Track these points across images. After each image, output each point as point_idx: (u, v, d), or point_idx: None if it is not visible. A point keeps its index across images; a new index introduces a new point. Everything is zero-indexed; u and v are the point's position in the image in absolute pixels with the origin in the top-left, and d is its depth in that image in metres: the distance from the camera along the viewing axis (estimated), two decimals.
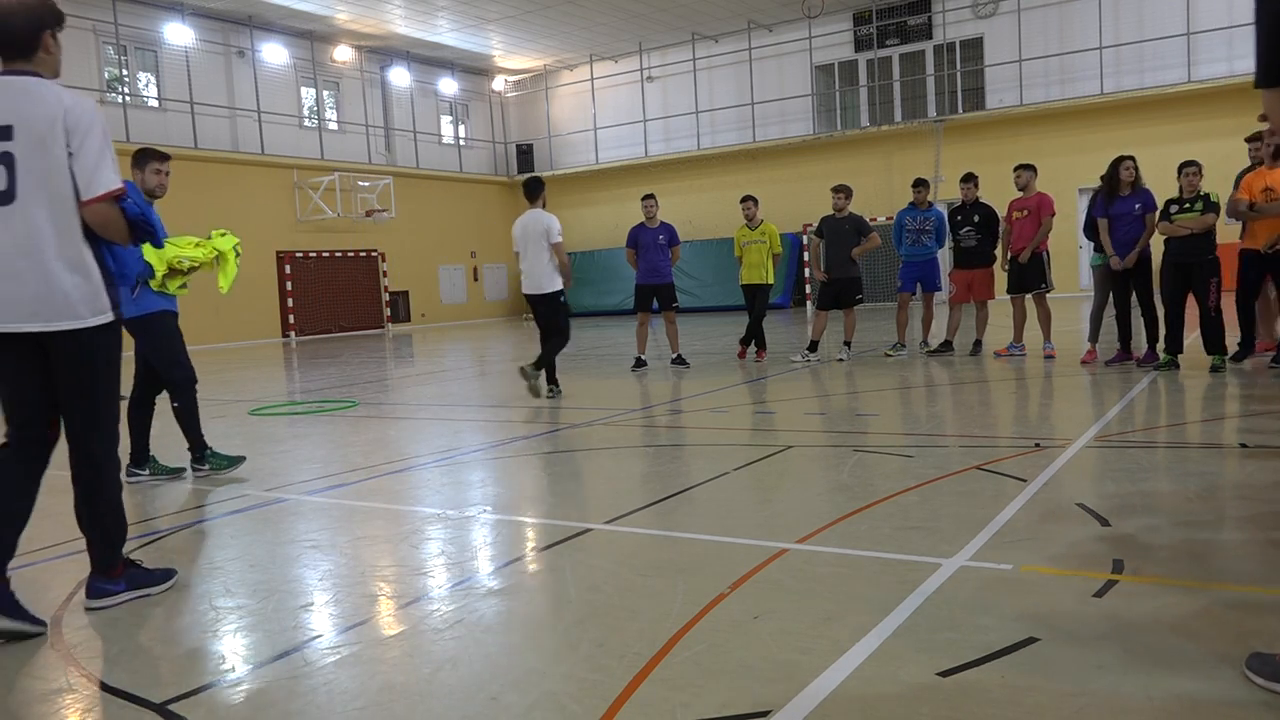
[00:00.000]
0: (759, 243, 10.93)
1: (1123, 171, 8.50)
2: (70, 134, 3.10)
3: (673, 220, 12.25)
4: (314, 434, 7.46)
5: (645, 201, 10.77)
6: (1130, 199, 8.44)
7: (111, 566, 3.41)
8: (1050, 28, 22.23)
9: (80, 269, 3.16)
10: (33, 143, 3.08)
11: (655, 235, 10.64)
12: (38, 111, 3.09)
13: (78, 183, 3.12)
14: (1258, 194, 7.83)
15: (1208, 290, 7.90)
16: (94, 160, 3.12)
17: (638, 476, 5.39)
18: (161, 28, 21.15)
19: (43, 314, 3.12)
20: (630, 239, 10.81)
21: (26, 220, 3.09)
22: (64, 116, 3.09)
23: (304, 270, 23.47)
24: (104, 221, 3.17)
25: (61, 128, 3.09)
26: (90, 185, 3.12)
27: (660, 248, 10.62)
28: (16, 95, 3.11)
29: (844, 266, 10.55)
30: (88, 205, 3.13)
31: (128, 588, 3.44)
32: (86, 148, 3.11)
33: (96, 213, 3.15)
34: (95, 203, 3.13)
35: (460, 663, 2.73)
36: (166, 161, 5.41)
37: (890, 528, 3.88)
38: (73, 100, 3.14)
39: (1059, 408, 7.15)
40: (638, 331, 10.93)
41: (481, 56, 27.67)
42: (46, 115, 3.08)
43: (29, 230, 3.09)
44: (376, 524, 4.48)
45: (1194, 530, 3.71)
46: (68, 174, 3.11)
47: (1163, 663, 2.47)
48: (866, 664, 2.54)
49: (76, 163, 3.11)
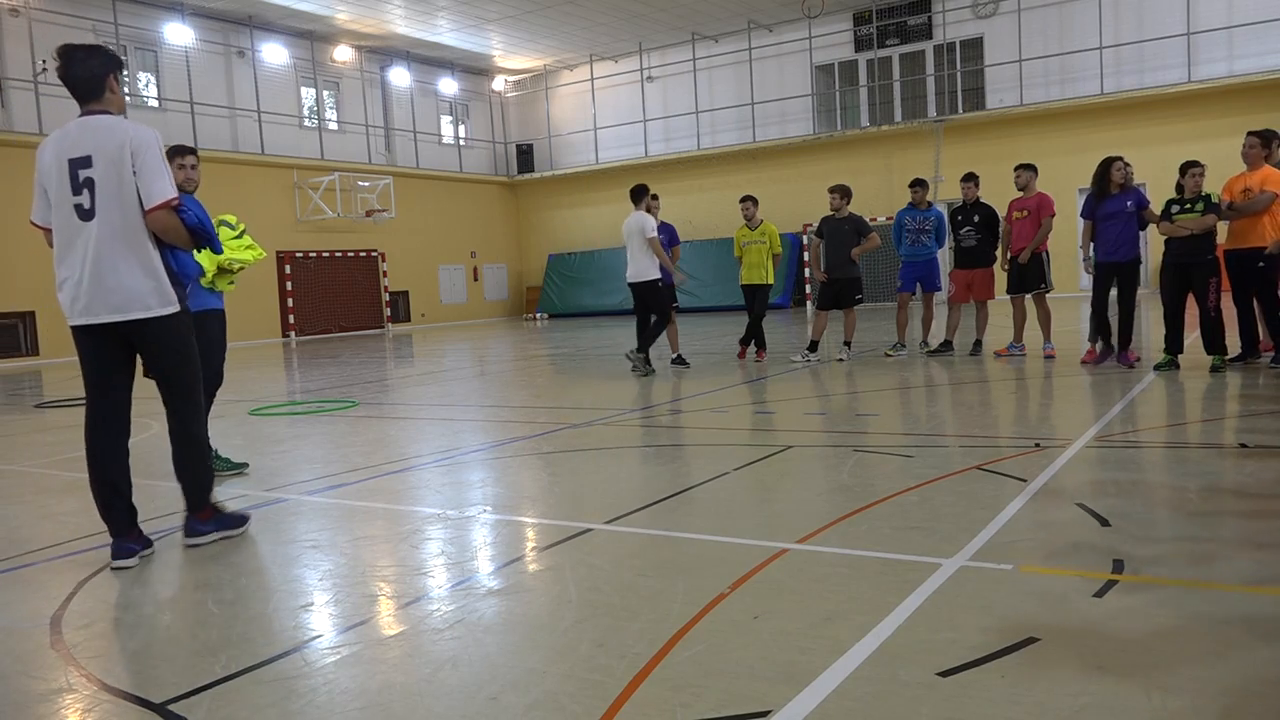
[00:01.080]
0: (759, 243, 10.95)
1: (1114, 173, 8.46)
2: (135, 156, 3.80)
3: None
4: (314, 434, 7.46)
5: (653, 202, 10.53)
6: (1121, 197, 8.45)
7: (202, 508, 4.15)
8: (1050, 28, 22.23)
9: (149, 269, 3.87)
10: (108, 168, 3.78)
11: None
12: (111, 142, 3.80)
13: (141, 195, 3.81)
14: (1237, 194, 7.89)
15: (1207, 290, 7.91)
16: (151, 175, 3.81)
17: (638, 476, 5.39)
18: (161, 28, 21.15)
19: (122, 308, 3.84)
20: None
21: (106, 232, 3.80)
22: (129, 142, 3.80)
23: (304, 270, 23.47)
24: (164, 227, 3.86)
25: (128, 152, 3.79)
26: (150, 196, 3.81)
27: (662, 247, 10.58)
28: (95, 131, 3.83)
29: (844, 267, 10.56)
30: (150, 214, 3.83)
31: (216, 529, 4.19)
32: (146, 166, 3.80)
33: (157, 219, 3.84)
34: (155, 211, 3.82)
35: (460, 663, 2.73)
36: (192, 156, 5.48)
37: (890, 528, 3.88)
38: (135, 129, 3.85)
39: (1059, 408, 7.15)
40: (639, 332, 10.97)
41: (481, 56, 27.67)
42: (117, 143, 3.80)
43: (109, 240, 3.80)
44: (376, 524, 4.47)
45: (1194, 530, 3.71)
46: (135, 191, 3.81)
47: (1162, 663, 2.47)
48: (866, 664, 2.54)
49: (139, 179, 3.80)
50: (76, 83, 3.88)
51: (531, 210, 30.48)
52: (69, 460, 6.70)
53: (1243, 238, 7.88)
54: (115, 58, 3.98)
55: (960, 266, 10.44)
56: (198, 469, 4.13)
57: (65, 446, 7.39)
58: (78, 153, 3.81)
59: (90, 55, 3.89)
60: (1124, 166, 8.53)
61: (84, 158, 3.79)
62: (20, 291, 18.34)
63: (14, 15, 18.64)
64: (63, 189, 3.84)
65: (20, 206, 19.00)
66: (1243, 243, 7.87)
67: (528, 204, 30.55)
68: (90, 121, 3.86)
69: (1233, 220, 7.93)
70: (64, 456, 6.88)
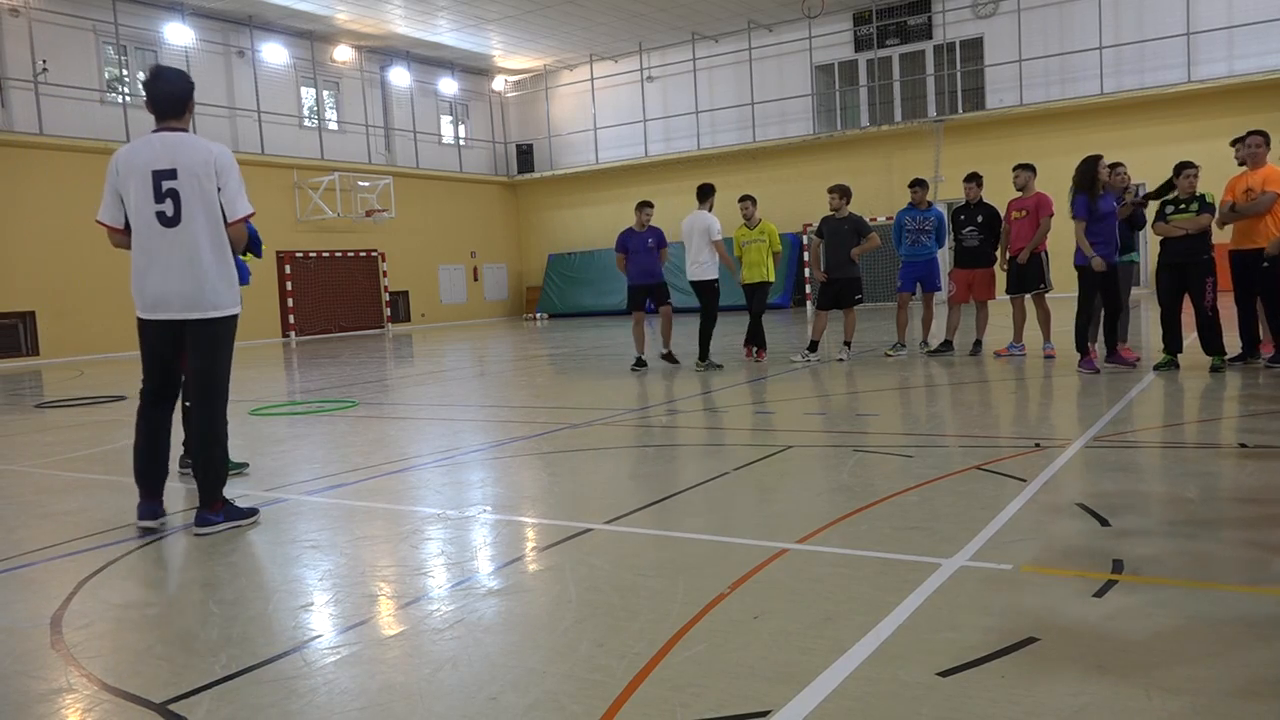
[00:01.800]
0: (759, 241, 10.98)
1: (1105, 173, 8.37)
2: (220, 174, 4.29)
3: (669, 221, 12.33)
4: (314, 434, 7.46)
5: (646, 209, 10.81)
6: (1109, 196, 8.45)
7: (214, 501, 4.42)
8: (1050, 28, 22.23)
9: (224, 273, 4.37)
10: (192, 181, 4.23)
11: (645, 240, 10.79)
12: (195, 157, 4.26)
13: (224, 209, 4.34)
14: (1239, 195, 7.89)
15: (1204, 291, 7.93)
16: (234, 192, 4.35)
17: (638, 476, 5.39)
18: (161, 28, 21.15)
19: (194, 306, 4.31)
20: (620, 244, 10.93)
21: (190, 238, 4.27)
22: (214, 161, 4.28)
23: (304, 270, 23.47)
24: (238, 237, 4.45)
25: (213, 170, 4.27)
26: (234, 211, 4.37)
27: (650, 251, 10.76)
28: (176, 146, 4.27)
29: (843, 267, 10.58)
30: (232, 225, 4.38)
31: (225, 519, 4.43)
32: (229, 183, 4.32)
33: (237, 230, 4.42)
34: (237, 223, 4.39)
35: (460, 663, 2.73)
36: None
37: (890, 528, 3.88)
38: (219, 149, 4.34)
39: (1059, 408, 7.15)
40: (634, 332, 11.08)
41: (481, 56, 27.67)
42: (202, 160, 4.26)
43: (192, 245, 4.27)
44: (376, 524, 4.48)
45: (1194, 530, 3.71)
46: (217, 203, 4.31)
47: (1162, 662, 2.47)
48: (866, 664, 2.54)
49: (224, 195, 4.32)
50: (162, 99, 4.32)
51: (531, 210, 30.48)
52: (69, 460, 6.70)
53: (1246, 238, 7.87)
54: (192, 81, 4.51)
55: (961, 266, 10.44)
56: (217, 461, 4.46)
57: (65, 446, 7.39)
58: (161, 165, 4.23)
59: (180, 77, 4.41)
60: (1108, 168, 8.56)
61: (169, 170, 4.22)
62: (20, 291, 18.35)
63: (14, 15, 18.64)
64: (144, 196, 4.25)
65: (20, 207, 19.05)
66: (1247, 243, 7.87)
67: (528, 204, 30.55)
68: (170, 138, 4.30)
69: (1235, 221, 7.93)
70: (64, 456, 6.88)
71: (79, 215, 19.00)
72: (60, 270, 18.75)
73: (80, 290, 19.00)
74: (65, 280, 18.82)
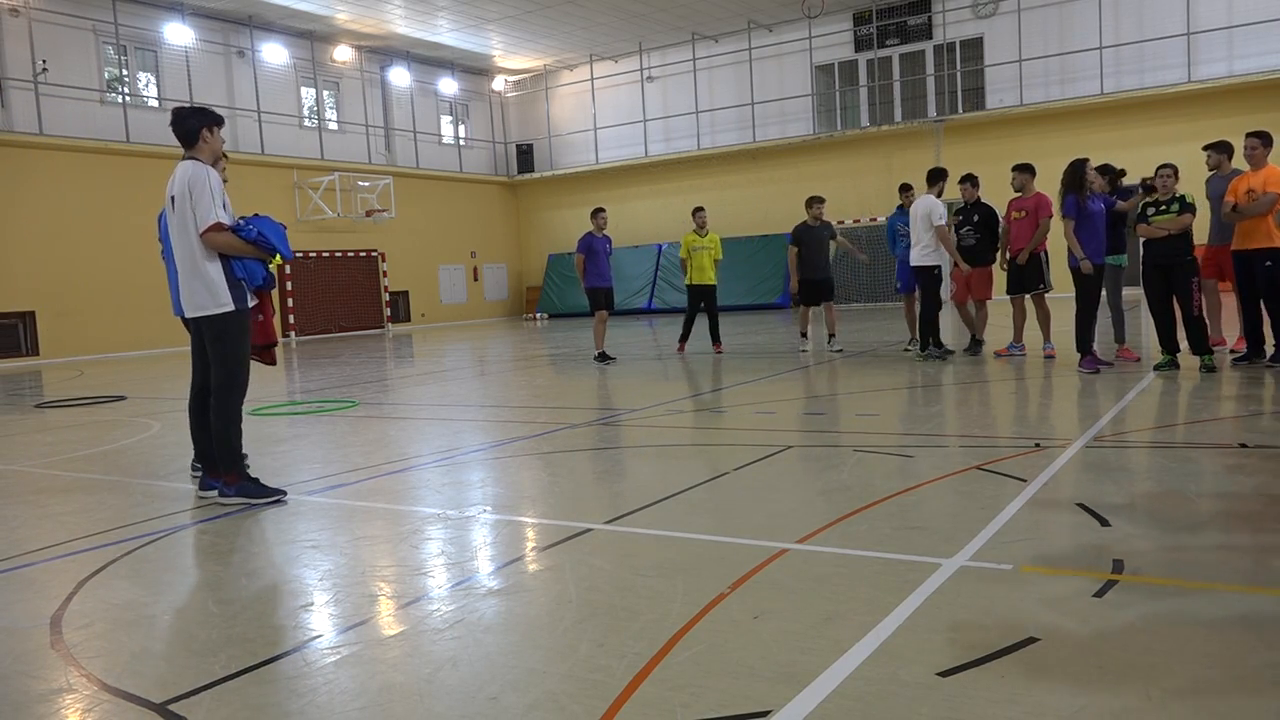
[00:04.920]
0: (707, 249, 12.20)
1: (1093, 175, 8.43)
2: (190, 191, 4.78)
3: (669, 221, 12.62)
4: (314, 434, 7.46)
5: (602, 214, 12.08)
6: (1097, 197, 8.49)
7: (226, 473, 4.92)
8: (1050, 28, 22.23)
9: (204, 279, 4.82)
10: (180, 201, 4.83)
11: (605, 243, 11.92)
12: (179, 179, 4.84)
13: (196, 221, 4.80)
14: (1242, 195, 7.90)
15: (1189, 291, 7.98)
16: (199, 205, 4.76)
17: (638, 476, 5.39)
18: (161, 28, 21.14)
19: (195, 307, 4.88)
20: (583, 246, 11.87)
21: (180, 251, 4.88)
22: (187, 180, 4.80)
23: (304, 270, 23.46)
24: (215, 244, 4.81)
25: (186, 188, 4.80)
26: (199, 221, 4.78)
27: (608, 255, 11.95)
28: (178, 173, 4.87)
29: (823, 269, 11.78)
30: (203, 235, 4.78)
31: (238, 495, 4.88)
32: (196, 197, 4.77)
33: (210, 239, 4.79)
34: (206, 233, 4.77)
35: (460, 663, 2.73)
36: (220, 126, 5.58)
37: (890, 528, 3.88)
38: (192, 169, 4.82)
39: (1059, 408, 7.15)
40: (596, 330, 12.24)
41: (481, 56, 27.66)
42: (179, 180, 4.84)
43: (182, 254, 4.87)
44: (376, 524, 4.48)
45: (1193, 530, 3.71)
46: (193, 218, 4.79)
47: (1162, 662, 2.47)
48: (866, 664, 2.54)
49: (193, 208, 4.78)
50: (179, 135, 4.96)
51: (531, 210, 30.48)
52: (69, 460, 6.70)
53: (1249, 239, 7.88)
54: (212, 115, 5.04)
55: None
56: (225, 437, 4.93)
57: (65, 446, 7.39)
58: (171, 189, 4.91)
59: (191, 115, 4.97)
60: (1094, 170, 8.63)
61: (171, 197, 4.90)
62: (20, 291, 18.34)
63: (14, 15, 18.63)
64: (166, 214, 5.03)
65: (20, 207, 19.07)
66: (1249, 243, 7.88)
67: (528, 204, 30.54)
68: (179, 165, 4.93)
69: (1237, 221, 7.94)
70: (64, 456, 6.88)
71: (79, 215, 19.02)
72: (60, 270, 18.74)
73: (80, 290, 19.01)
74: (65, 280, 18.81)
